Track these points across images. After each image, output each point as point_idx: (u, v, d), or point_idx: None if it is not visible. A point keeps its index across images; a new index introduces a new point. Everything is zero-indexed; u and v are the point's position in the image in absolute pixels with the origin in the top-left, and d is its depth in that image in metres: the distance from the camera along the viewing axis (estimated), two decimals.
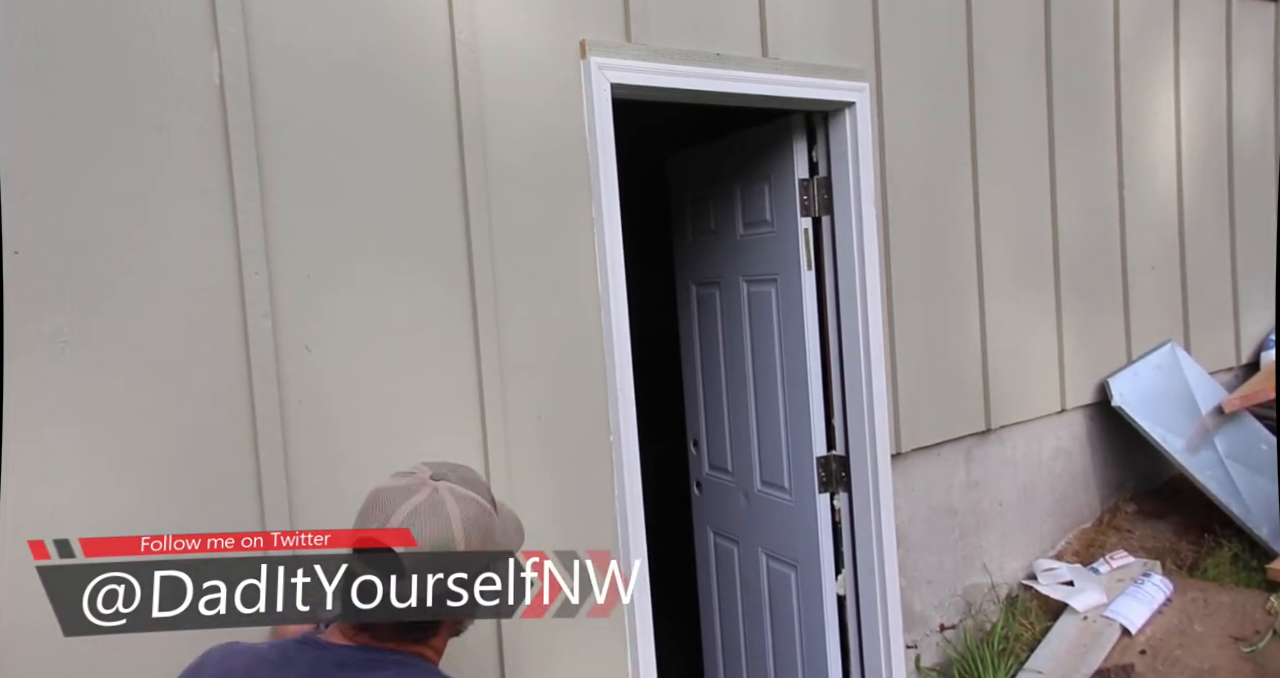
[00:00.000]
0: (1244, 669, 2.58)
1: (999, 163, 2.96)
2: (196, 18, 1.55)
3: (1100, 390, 3.37)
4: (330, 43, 1.69)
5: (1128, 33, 3.42)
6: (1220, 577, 3.08)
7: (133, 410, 1.49)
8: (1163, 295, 3.64)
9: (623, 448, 2.05)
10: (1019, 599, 3.02)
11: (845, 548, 2.64)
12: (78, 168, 1.44)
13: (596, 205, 2.02)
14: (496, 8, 1.89)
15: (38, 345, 1.41)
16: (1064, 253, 3.19)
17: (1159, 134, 3.61)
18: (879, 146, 2.60)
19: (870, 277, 2.52)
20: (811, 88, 2.38)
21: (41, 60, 1.42)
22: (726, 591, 3.04)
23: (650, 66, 2.08)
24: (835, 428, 2.64)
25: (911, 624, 2.75)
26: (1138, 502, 3.58)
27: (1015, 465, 3.13)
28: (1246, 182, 3.98)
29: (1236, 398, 3.56)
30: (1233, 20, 3.89)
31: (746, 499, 2.91)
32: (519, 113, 1.91)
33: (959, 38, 2.84)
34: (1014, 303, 3.02)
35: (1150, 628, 2.80)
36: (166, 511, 1.52)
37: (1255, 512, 3.24)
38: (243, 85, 1.58)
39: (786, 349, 2.69)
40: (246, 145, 1.58)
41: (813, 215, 2.61)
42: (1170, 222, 3.66)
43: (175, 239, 1.53)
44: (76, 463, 1.44)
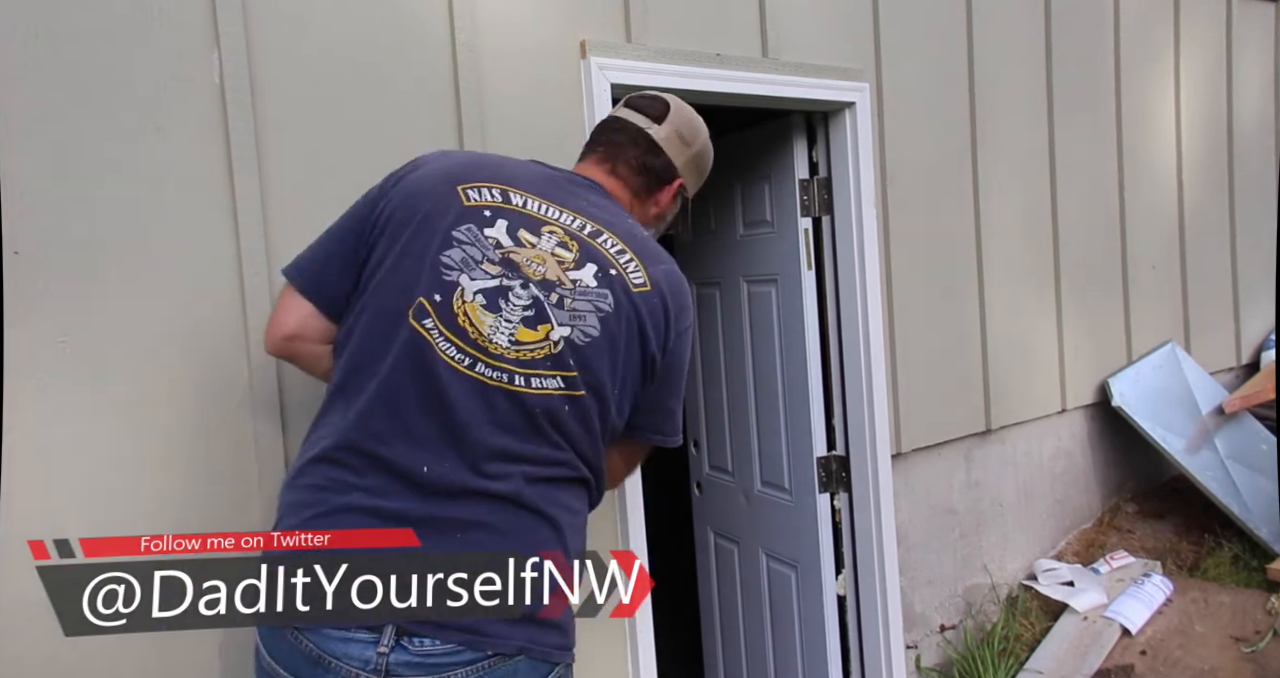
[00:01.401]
0: (1244, 670, 2.58)
1: (999, 163, 2.96)
2: (196, 17, 1.55)
3: (1101, 391, 3.37)
4: (331, 44, 1.69)
5: (1128, 33, 3.42)
6: (1221, 577, 3.08)
7: (132, 410, 1.48)
8: (1163, 295, 3.64)
9: None
10: (1019, 600, 3.02)
11: (845, 548, 2.64)
12: (78, 168, 1.44)
13: None
14: (497, 8, 1.89)
15: (38, 346, 1.41)
16: (1064, 252, 3.19)
17: (1159, 134, 3.61)
18: (879, 147, 2.60)
19: (870, 277, 2.52)
20: (811, 88, 2.39)
21: (42, 60, 1.42)
22: (727, 591, 3.04)
23: (650, 67, 2.08)
24: (835, 428, 2.64)
25: (912, 625, 2.75)
26: (1138, 502, 3.58)
27: (1015, 466, 3.13)
28: (1247, 182, 3.98)
29: (1237, 398, 3.56)
30: (1233, 20, 3.89)
31: (747, 500, 2.91)
32: (519, 113, 1.91)
33: (959, 38, 2.84)
34: (1014, 303, 3.02)
35: (1150, 628, 2.80)
36: (166, 510, 1.52)
37: (1255, 512, 3.24)
38: (243, 85, 1.58)
39: (786, 349, 2.69)
40: (246, 145, 1.58)
41: (813, 215, 2.61)
42: (1170, 222, 3.66)
43: (175, 239, 1.53)
44: (76, 463, 1.44)
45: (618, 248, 1.29)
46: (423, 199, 1.27)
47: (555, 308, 1.23)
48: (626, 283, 1.27)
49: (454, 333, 1.21)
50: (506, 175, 1.32)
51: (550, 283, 1.24)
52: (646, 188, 1.45)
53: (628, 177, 1.43)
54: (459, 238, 1.24)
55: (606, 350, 1.24)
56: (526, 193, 1.30)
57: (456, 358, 1.20)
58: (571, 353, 1.22)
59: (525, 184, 1.32)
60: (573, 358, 1.22)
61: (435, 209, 1.26)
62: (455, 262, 1.23)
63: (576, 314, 1.23)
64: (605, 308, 1.24)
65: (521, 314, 1.22)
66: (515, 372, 1.20)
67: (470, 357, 1.20)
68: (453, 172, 1.30)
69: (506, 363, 1.20)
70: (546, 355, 1.21)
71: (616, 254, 1.29)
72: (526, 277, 1.23)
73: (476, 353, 1.20)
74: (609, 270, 1.27)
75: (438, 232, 1.24)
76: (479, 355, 1.20)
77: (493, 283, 1.22)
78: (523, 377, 1.20)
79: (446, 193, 1.27)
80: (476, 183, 1.29)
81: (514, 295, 1.22)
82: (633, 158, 1.43)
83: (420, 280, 1.22)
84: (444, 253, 1.23)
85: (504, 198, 1.28)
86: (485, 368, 1.20)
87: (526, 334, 1.21)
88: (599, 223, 1.31)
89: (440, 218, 1.25)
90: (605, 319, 1.24)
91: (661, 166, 1.44)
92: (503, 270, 1.23)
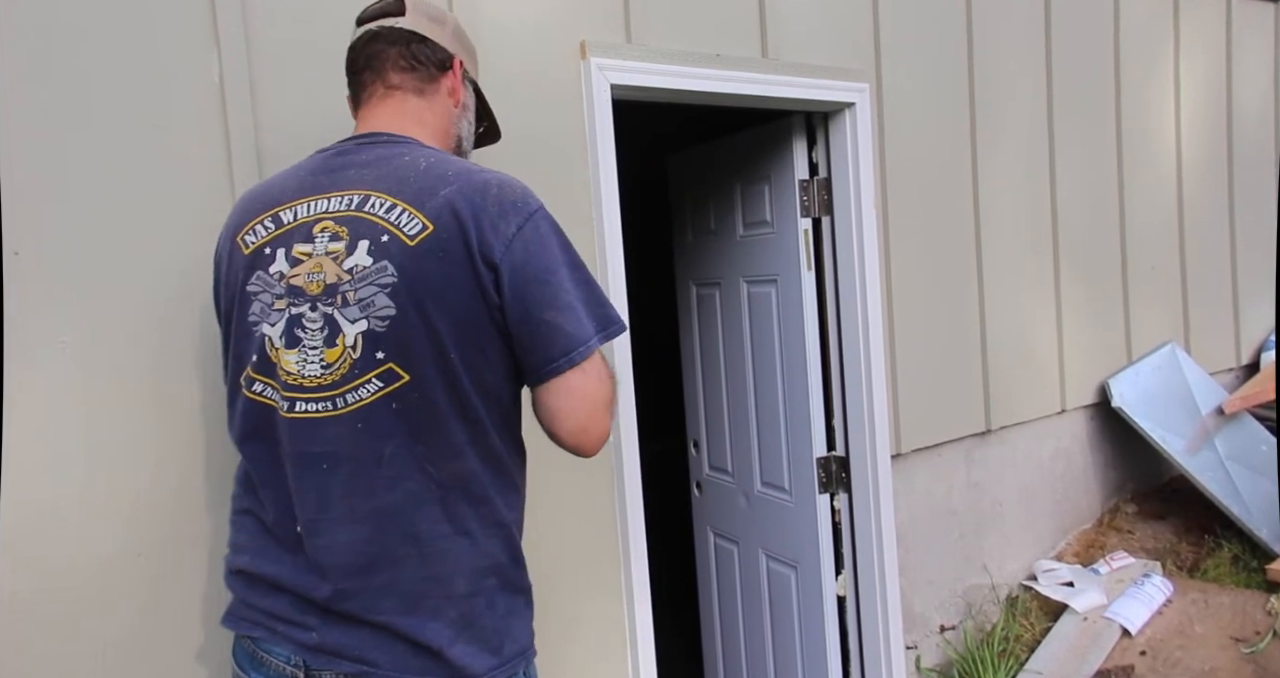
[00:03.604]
0: (1244, 670, 2.58)
1: (998, 162, 2.96)
2: (196, 17, 1.55)
3: (1100, 391, 3.37)
4: (331, 44, 1.69)
5: (1128, 33, 3.42)
6: (1220, 578, 3.08)
7: (133, 411, 1.48)
8: (1163, 296, 3.64)
9: (623, 448, 2.05)
10: (1019, 600, 3.02)
11: (845, 549, 2.64)
12: (78, 168, 1.44)
13: (596, 205, 2.02)
14: (497, 8, 1.89)
15: (38, 345, 1.41)
16: (1064, 253, 3.19)
17: (1159, 134, 3.61)
18: (879, 147, 2.60)
19: (870, 277, 2.52)
20: (811, 88, 2.39)
21: (42, 60, 1.42)
22: (726, 591, 3.04)
23: (650, 67, 2.08)
24: (835, 428, 2.64)
25: (912, 625, 2.75)
26: (1138, 503, 3.57)
27: (1015, 466, 3.12)
28: (1247, 182, 3.98)
29: (1236, 399, 3.56)
30: (1232, 20, 3.89)
31: (746, 500, 2.91)
32: (519, 113, 1.90)
33: (959, 38, 2.84)
34: (1014, 303, 3.02)
35: (1150, 629, 2.80)
36: (167, 512, 1.52)
37: (1255, 513, 3.24)
38: (243, 85, 1.58)
39: (786, 350, 2.69)
40: (246, 145, 1.58)
41: (813, 216, 2.61)
42: (1170, 222, 3.66)
43: (175, 239, 1.52)
44: (76, 463, 1.44)
45: (386, 205, 1.16)
46: (225, 270, 1.27)
47: (343, 309, 1.14)
48: (402, 241, 1.13)
49: (273, 381, 1.20)
50: (275, 195, 1.26)
51: (332, 287, 1.15)
52: (429, 80, 1.33)
53: (403, 80, 1.31)
54: (252, 291, 1.22)
55: (416, 320, 1.12)
56: (294, 202, 1.23)
57: (279, 404, 1.19)
58: (375, 344, 1.13)
59: (293, 192, 1.24)
60: (380, 349, 1.12)
61: (233, 275, 1.25)
62: (257, 314, 1.21)
63: (364, 302, 1.13)
64: (389, 280, 1.12)
65: (320, 337, 1.15)
66: (334, 395, 1.14)
67: (288, 400, 1.17)
68: (232, 222, 1.29)
69: (324, 391, 1.15)
70: (350, 364, 1.13)
71: (385, 214, 1.16)
72: (311, 296, 1.16)
73: (294, 394, 1.17)
74: (380, 238, 1.14)
75: (240, 296, 1.23)
76: (296, 395, 1.16)
77: (284, 318, 1.18)
78: (340, 397, 1.14)
79: (234, 251, 1.25)
80: (250, 223, 1.25)
81: (307, 320, 1.16)
82: (397, 57, 1.31)
83: (247, 351, 1.22)
84: (249, 313, 1.22)
85: (275, 223, 1.23)
86: (305, 404, 1.16)
87: (331, 354, 1.15)
88: (366, 187, 1.19)
89: (237, 281, 1.24)
90: (394, 291, 1.12)
91: (430, 51, 1.33)
92: (289, 300, 1.18)
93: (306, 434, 1.16)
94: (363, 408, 1.13)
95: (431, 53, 1.33)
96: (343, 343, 1.14)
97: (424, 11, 1.35)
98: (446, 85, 1.35)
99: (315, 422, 1.15)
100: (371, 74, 1.32)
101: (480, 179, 1.17)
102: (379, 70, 1.31)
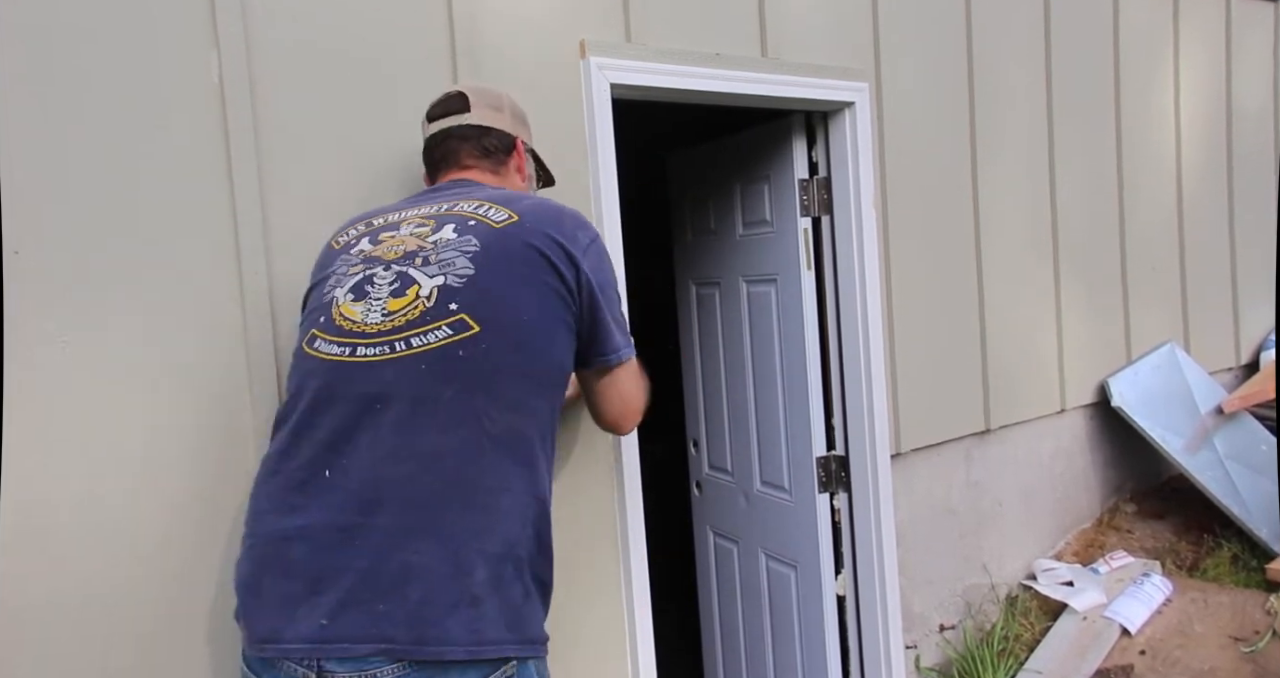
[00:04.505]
0: (1244, 670, 2.58)
1: (998, 163, 2.96)
2: (196, 17, 1.55)
3: (1100, 390, 3.37)
4: (331, 43, 1.69)
5: (1128, 33, 3.42)
6: (1220, 577, 3.08)
7: (133, 411, 1.48)
8: (1162, 296, 3.64)
9: (623, 448, 2.06)
10: (1019, 600, 3.03)
11: (845, 548, 2.64)
12: (78, 168, 1.45)
13: (596, 205, 2.02)
14: (497, 8, 1.89)
15: (38, 345, 1.41)
16: (1064, 253, 3.19)
17: (1159, 134, 3.61)
18: (879, 147, 2.60)
19: (870, 277, 2.53)
20: (811, 88, 2.39)
21: (42, 60, 1.42)
22: (726, 591, 3.04)
23: (650, 66, 2.08)
24: (835, 428, 2.64)
25: (911, 624, 2.76)
26: (1137, 502, 3.58)
27: (1015, 465, 3.13)
28: (1246, 182, 3.98)
29: (1236, 398, 3.56)
30: (1232, 20, 3.89)
31: (746, 500, 2.91)
32: None
33: (959, 38, 2.84)
34: (1014, 302, 3.02)
35: (1150, 628, 2.80)
36: (168, 513, 1.52)
37: (1255, 512, 3.24)
38: (243, 85, 1.58)
39: (786, 349, 2.69)
40: (246, 145, 1.58)
41: (812, 215, 2.61)
42: (1170, 222, 3.66)
43: (175, 239, 1.53)
44: (76, 463, 1.44)
45: (474, 205, 1.35)
46: (315, 268, 1.44)
47: (422, 267, 1.27)
48: (488, 225, 1.30)
49: (333, 333, 1.27)
50: (370, 213, 1.46)
51: (412, 253, 1.29)
52: (500, 164, 1.55)
53: (479, 165, 1.53)
54: (334, 270, 1.37)
55: (493, 282, 1.25)
56: (385, 213, 1.43)
57: (336, 352, 1.26)
58: (450, 296, 1.24)
59: (387, 210, 1.44)
60: (455, 301, 1.23)
61: (320, 268, 1.42)
62: (332, 284, 1.34)
63: (445, 262, 1.26)
64: (472, 249, 1.27)
65: (388, 289, 1.26)
66: (394, 339, 1.23)
67: (348, 345, 1.25)
68: (330, 235, 1.48)
69: (385, 335, 1.24)
70: (422, 311, 1.23)
71: (474, 209, 1.34)
72: (388, 260, 1.30)
73: (355, 339, 1.25)
74: (468, 222, 1.31)
75: (321, 279, 1.38)
76: (357, 341, 1.25)
77: (355, 279, 1.30)
78: (402, 341, 1.22)
79: (326, 250, 1.44)
80: (345, 229, 1.45)
81: (378, 278, 1.28)
82: (472, 149, 1.52)
83: (316, 318, 1.33)
84: (326, 287, 1.35)
85: (366, 226, 1.42)
86: (365, 348, 1.24)
87: (397, 303, 1.25)
88: (458, 200, 1.38)
89: (323, 270, 1.40)
90: (475, 257, 1.26)
91: (497, 140, 1.54)
92: (365, 266, 1.32)
93: (363, 375, 1.22)
94: (430, 351, 1.21)
95: (498, 141, 1.55)
96: (415, 293, 1.25)
97: (486, 103, 1.55)
98: (514, 164, 1.57)
99: (373, 364, 1.22)
100: (447, 165, 1.54)
101: (553, 203, 1.40)
102: (455, 162, 1.53)
